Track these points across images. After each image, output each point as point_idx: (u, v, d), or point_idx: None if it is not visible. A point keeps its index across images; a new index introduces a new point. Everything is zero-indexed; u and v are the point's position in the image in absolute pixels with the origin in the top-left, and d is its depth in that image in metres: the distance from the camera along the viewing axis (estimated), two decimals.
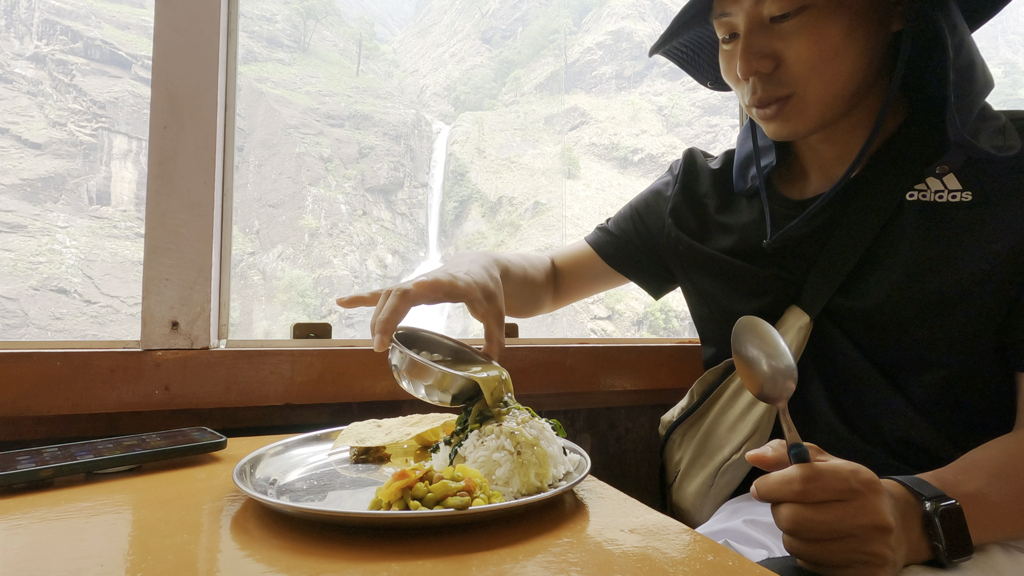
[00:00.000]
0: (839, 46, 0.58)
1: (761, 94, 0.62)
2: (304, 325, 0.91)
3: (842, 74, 0.60)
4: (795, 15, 0.59)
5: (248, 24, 53.09)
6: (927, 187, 0.60)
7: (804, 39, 0.59)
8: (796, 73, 0.60)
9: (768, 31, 0.61)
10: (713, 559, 0.39)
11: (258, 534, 0.41)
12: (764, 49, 0.61)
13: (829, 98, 0.61)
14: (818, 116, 0.62)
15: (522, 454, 0.49)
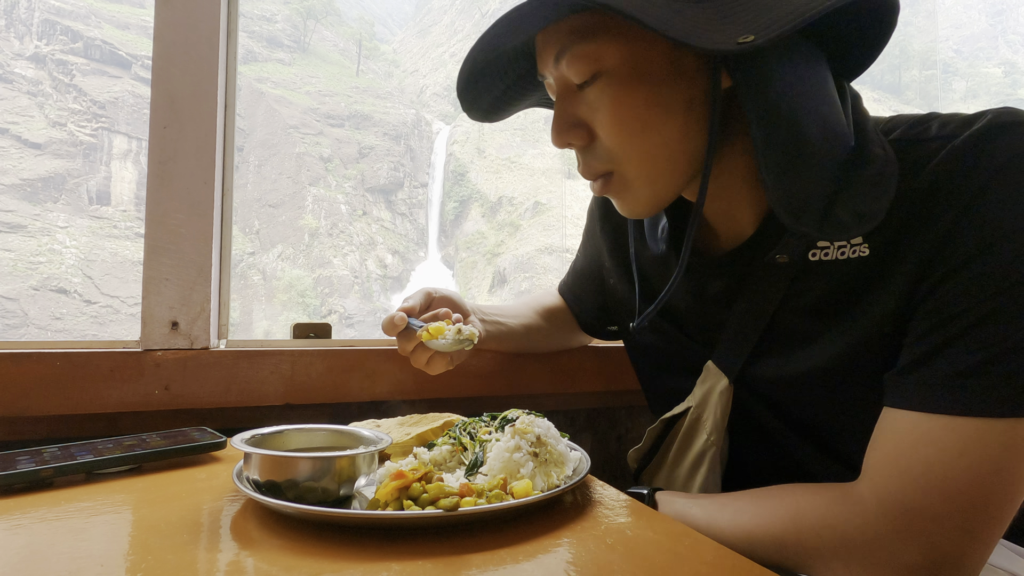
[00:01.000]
0: (644, 116, 0.51)
1: (583, 167, 0.57)
2: (304, 325, 0.91)
3: (657, 145, 0.52)
4: (593, 82, 0.52)
5: (248, 24, 53.08)
6: (830, 243, 0.53)
7: (605, 110, 0.52)
8: (608, 147, 0.54)
9: (577, 99, 0.54)
10: (713, 559, 0.39)
11: (258, 534, 0.41)
12: (574, 118, 0.55)
13: (652, 174, 0.54)
14: (650, 194, 0.55)
15: (538, 454, 0.50)
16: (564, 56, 0.52)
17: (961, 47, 69.46)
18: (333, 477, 0.47)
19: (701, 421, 0.65)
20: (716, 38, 0.44)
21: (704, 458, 0.64)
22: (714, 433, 0.63)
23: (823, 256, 0.54)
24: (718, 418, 0.62)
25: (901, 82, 62.91)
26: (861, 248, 0.51)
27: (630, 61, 0.51)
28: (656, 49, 0.51)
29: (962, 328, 0.45)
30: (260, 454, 0.46)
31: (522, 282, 36.31)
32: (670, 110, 0.51)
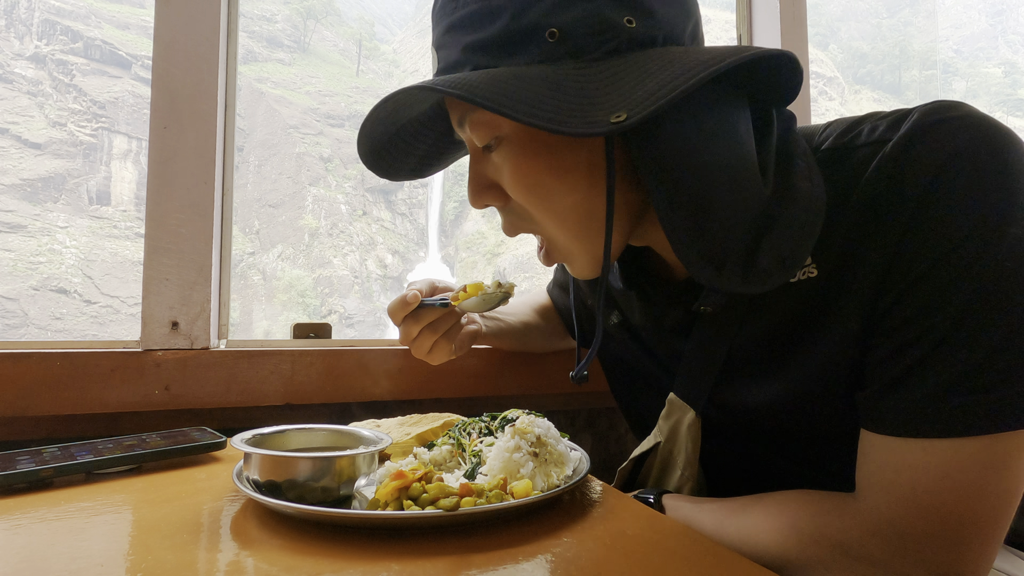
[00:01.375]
0: (546, 182, 0.49)
1: (505, 226, 0.56)
2: (304, 325, 0.91)
3: (568, 210, 0.50)
4: (496, 146, 0.51)
5: (248, 24, 53.07)
6: None
7: (508, 175, 0.50)
8: (519, 212, 0.53)
9: (487, 160, 0.53)
10: (713, 560, 0.39)
11: (258, 534, 0.41)
12: (487, 180, 0.53)
13: (574, 235, 0.51)
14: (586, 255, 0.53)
15: (538, 454, 0.50)
16: (465, 122, 0.51)
17: (961, 47, 69.44)
18: (333, 477, 0.47)
19: (673, 456, 0.63)
20: (588, 119, 0.41)
21: (682, 491, 0.63)
22: (687, 468, 0.61)
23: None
24: (690, 452, 0.61)
25: (901, 82, 62.90)
26: (810, 270, 0.49)
27: (524, 128, 0.49)
28: None
29: (926, 350, 0.43)
30: (260, 454, 0.46)
31: (522, 282, 36.11)
32: (569, 176, 0.49)
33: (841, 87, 57.65)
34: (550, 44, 0.45)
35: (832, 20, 78.03)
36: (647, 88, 0.41)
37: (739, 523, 0.53)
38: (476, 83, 0.43)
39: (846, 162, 0.48)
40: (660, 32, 0.47)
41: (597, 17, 0.45)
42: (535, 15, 0.45)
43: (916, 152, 0.44)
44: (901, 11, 73.55)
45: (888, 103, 57.48)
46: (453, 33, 0.48)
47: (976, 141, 0.43)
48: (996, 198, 0.42)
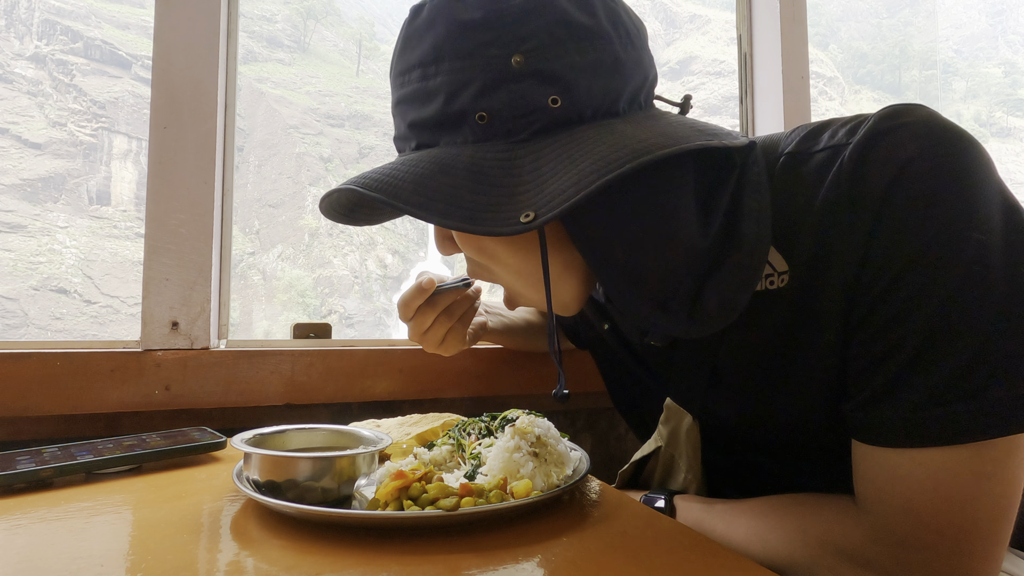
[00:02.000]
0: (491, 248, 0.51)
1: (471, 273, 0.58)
2: (304, 325, 0.91)
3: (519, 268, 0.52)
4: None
5: (248, 24, 53.07)
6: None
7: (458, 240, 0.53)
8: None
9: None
10: (714, 560, 0.39)
11: (258, 534, 0.41)
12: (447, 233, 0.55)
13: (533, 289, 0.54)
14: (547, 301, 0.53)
15: (539, 454, 0.50)
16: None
17: (961, 47, 69.43)
18: (333, 477, 0.47)
19: (675, 460, 0.64)
20: (501, 217, 0.42)
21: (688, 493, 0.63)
22: (690, 471, 0.62)
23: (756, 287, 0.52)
24: (691, 456, 0.61)
25: (901, 82, 62.89)
26: (783, 276, 0.50)
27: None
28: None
29: (905, 359, 0.43)
30: (260, 454, 0.46)
31: None
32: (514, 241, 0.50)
33: (841, 87, 57.63)
34: (480, 126, 0.47)
35: (832, 20, 78.01)
36: (562, 182, 0.42)
37: (749, 524, 0.53)
38: (400, 184, 0.46)
39: (805, 166, 0.48)
40: (588, 107, 0.47)
41: (522, 100, 0.46)
42: (465, 100, 0.47)
43: (873, 156, 0.44)
44: (901, 11, 73.52)
45: (888, 103, 57.38)
46: (401, 107, 0.51)
47: (932, 145, 0.43)
48: (955, 204, 0.42)
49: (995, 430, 0.41)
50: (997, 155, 49.24)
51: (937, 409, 0.42)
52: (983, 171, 0.43)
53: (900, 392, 0.44)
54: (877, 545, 0.46)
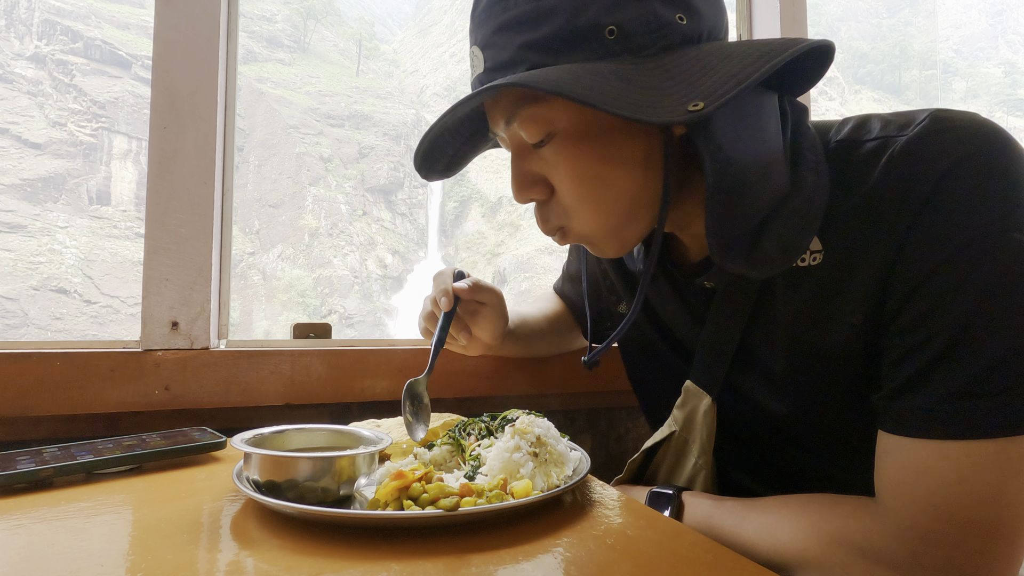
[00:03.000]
0: (600, 173, 0.51)
1: (541, 223, 0.57)
2: (304, 325, 0.91)
3: (613, 200, 0.52)
4: (548, 141, 0.52)
5: (248, 24, 53.07)
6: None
7: (562, 170, 0.52)
8: (565, 204, 0.54)
9: (533, 156, 0.54)
10: (714, 559, 0.39)
11: (258, 534, 0.41)
12: (533, 176, 0.55)
13: (606, 227, 0.54)
14: (611, 242, 0.55)
15: (538, 454, 0.50)
16: (514, 120, 0.52)
17: (961, 47, 69.41)
18: (333, 477, 0.47)
19: (688, 445, 0.64)
20: (666, 108, 0.43)
21: (696, 481, 0.63)
22: (702, 456, 0.62)
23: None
24: (704, 439, 0.62)
25: (901, 82, 62.89)
26: (816, 255, 0.51)
27: (582, 121, 0.50)
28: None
29: (937, 352, 0.44)
30: (260, 454, 0.46)
31: (522, 282, 36.28)
32: (626, 164, 0.51)
33: (841, 87, 57.63)
34: (609, 41, 0.47)
35: (832, 20, 78.00)
36: (715, 80, 0.44)
37: (759, 521, 0.53)
38: (557, 79, 0.44)
39: (855, 153, 0.50)
40: (705, 29, 0.49)
41: (652, 15, 0.47)
42: (593, 14, 0.47)
43: (925, 151, 0.46)
44: (901, 11, 73.52)
45: (888, 103, 57.46)
46: (505, 33, 0.49)
47: (983, 148, 0.45)
48: (1000, 204, 0.44)
49: (1019, 428, 0.42)
50: None
51: (965, 402, 0.43)
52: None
53: (929, 383, 0.45)
54: (896, 541, 0.46)
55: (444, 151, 0.60)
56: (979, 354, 0.43)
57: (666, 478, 0.66)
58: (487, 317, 0.74)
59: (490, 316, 0.74)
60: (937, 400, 0.44)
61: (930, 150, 0.46)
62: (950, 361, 0.44)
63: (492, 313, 0.74)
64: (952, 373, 0.44)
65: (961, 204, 0.44)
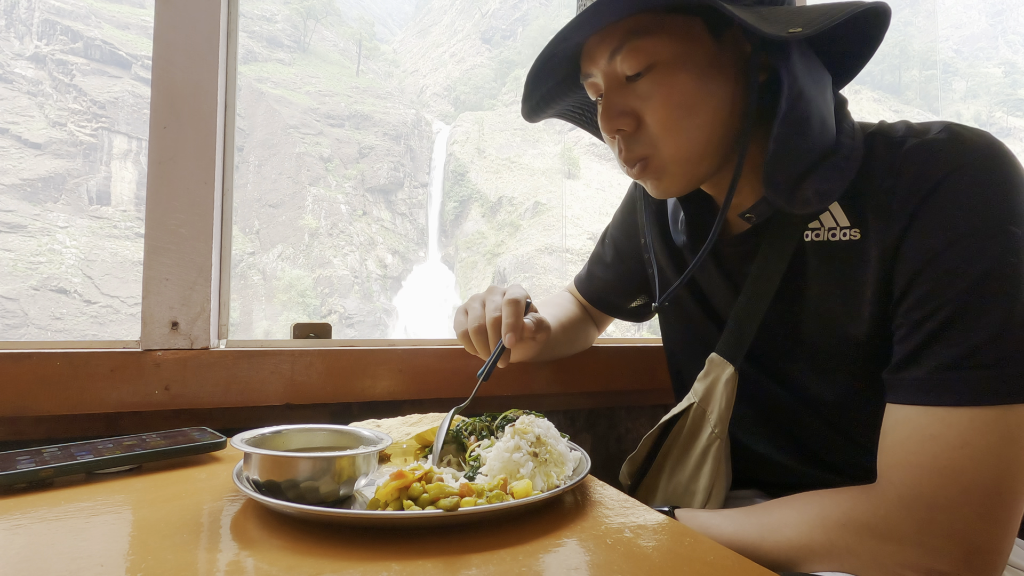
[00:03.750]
0: (692, 102, 0.58)
1: (625, 154, 0.62)
2: (304, 325, 0.91)
3: (699, 129, 0.59)
4: (646, 73, 0.58)
5: (248, 24, 53.06)
6: (821, 224, 0.59)
7: (657, 98, 0.58)
8: (653, 133, 0.60)
9: (626, 90, 0.60)
10: (714, 559, 0.39)
11: (258, 534, 0.41)
12: (624, 107, 0.60)
13: (687, 155, 0.60)
14: (683, 174, 0.61)
15: (538, 454, 0.50)
16: (621, 51, 0.58)
17: (961, 47, 69.42)
18: (333, 477, 0.47)
19: (706, 415, 0.67)
20: (771, 29, 0.51)
21: (709, 452, 0.66)
22: (719, 424, 0.65)
23: (815, 237, 0.60)
24: (723, 408, 0.65)
25: (901, 82, 62.89)
26: (852, 231, 0.57)
27: (681, 55, 0.58)
28: (701, 46, 0.58)
29: (939, 325, 0.49)
30: (260, 454, 0.46)
31: (522, 282, 36.23)
32: (712, 99, 0.58)
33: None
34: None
35: None
36: (806, 18, 0.53)
37: (760, 522, 0.55)
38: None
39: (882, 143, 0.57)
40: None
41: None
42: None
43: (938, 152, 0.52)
44: (901, 11, 73.53)
45: (888, 103, 57.45)
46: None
47: (988, 156, 0.51)
48: (998, 202, 0.50)
49: (1017, 397, 0.47)
50: None
51: (966, 372, 0.48)
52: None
53: (931, 355, 0.50)
54: (903, 511, 0.49)
55: (541, 86, 0.66)
56: (977, 328, 0.48)
57: (679, 454, 0.69)
58: (529, 349, 0.75)
59: (532, 349, 0.75)
60: (939, 369, 0.49)
61: (942, 151, 0.52)
62: (950, 334, 0.49)
63: (530, 351, 0.75)
64: (952, 345, 0.48)
65: (963, 199, 0.50)
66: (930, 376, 0.49)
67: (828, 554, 0.51)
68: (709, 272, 0.71)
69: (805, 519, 0.53)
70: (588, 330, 0.96)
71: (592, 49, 0.61)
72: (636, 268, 0.87)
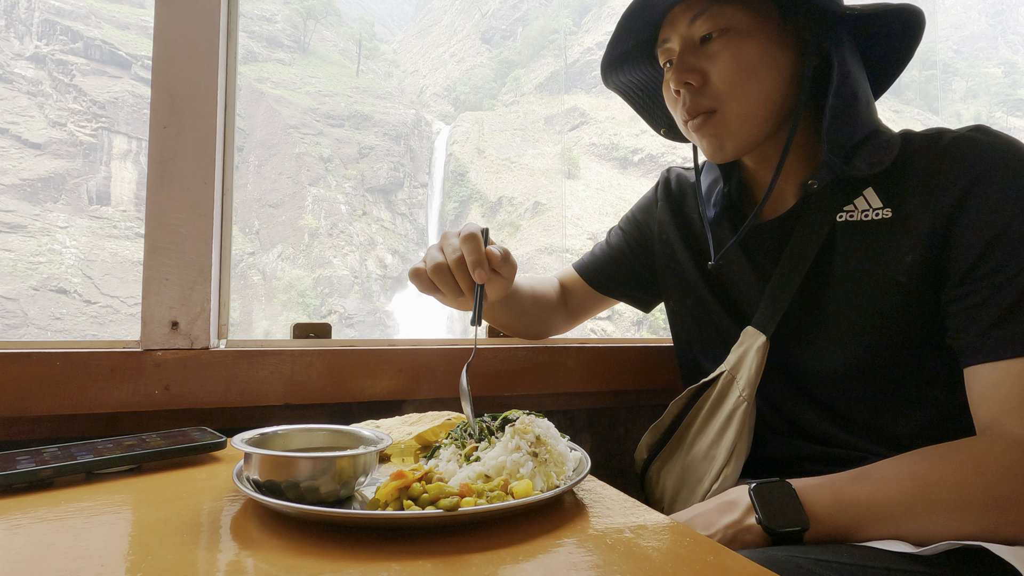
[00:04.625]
0: (756, 66, 0.66)
1: (689, 105, 0.69)
2: (304, 325, 0.91)
3: (759, 92, 0.67)
4: (718, 36, 0.67)
5: (248, 24, 53.06)
6: (855, 207, 0.67)
7: (726, 57, 0.66)
8: (719, 89, 0.67)
9: (698, 51, 0.68)
10: (713, 559, 0.39)
11: (258, 534, 0.41)
12: (694, 65, 0.68)
13: (747, 114, 0.67)
14: (742, 132, 0.68)
15: (538, 454, 0.50)
16: (703, 15, 0.67)
17: (961, 47, 69.41)
18: (333, 477, 0.47)
19: (735, 381, 0.72)
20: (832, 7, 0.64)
21: (735, 416, 0.70)
22: (747, 388, 0.70)
23: (848, 217, 0.67)
24: (752, 374, 0.70)
25: (901, 82, 62.81)
26: (884, 211, 0.65)
27: (753, 23, 0.66)
28: (770, 18, 0.67)
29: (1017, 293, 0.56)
30: (260, 454, 0.46)
31: None
32: (774, 67, 0.67)
33: None
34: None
35: None
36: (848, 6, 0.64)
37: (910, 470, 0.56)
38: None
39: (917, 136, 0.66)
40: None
41: None
42: None
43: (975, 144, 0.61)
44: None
45: (888, 103, 57.42)
46: None
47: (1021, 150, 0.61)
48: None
49: None
50: None
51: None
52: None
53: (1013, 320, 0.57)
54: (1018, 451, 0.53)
55: (626, 40, 0.73)
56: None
57: (703, 422, 0.74)
58: (495, 291, 0.70)
59: (500, 288, 0.70)
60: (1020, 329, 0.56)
61: (983, 143, 0.61)
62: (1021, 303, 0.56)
63: (501, 287, 0.71)
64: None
65: (1007, 187, 0.59)
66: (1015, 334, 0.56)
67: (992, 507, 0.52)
68: (738, 264, 0.77)
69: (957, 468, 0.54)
70: (556, 312, 0.95)
71: (676, 16, 0.69)
72: (643, 256, 0.90)
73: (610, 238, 0.96)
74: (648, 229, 0.90)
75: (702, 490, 0.71)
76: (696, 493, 0.72)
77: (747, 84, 0.66)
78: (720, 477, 0.69)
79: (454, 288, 0.67)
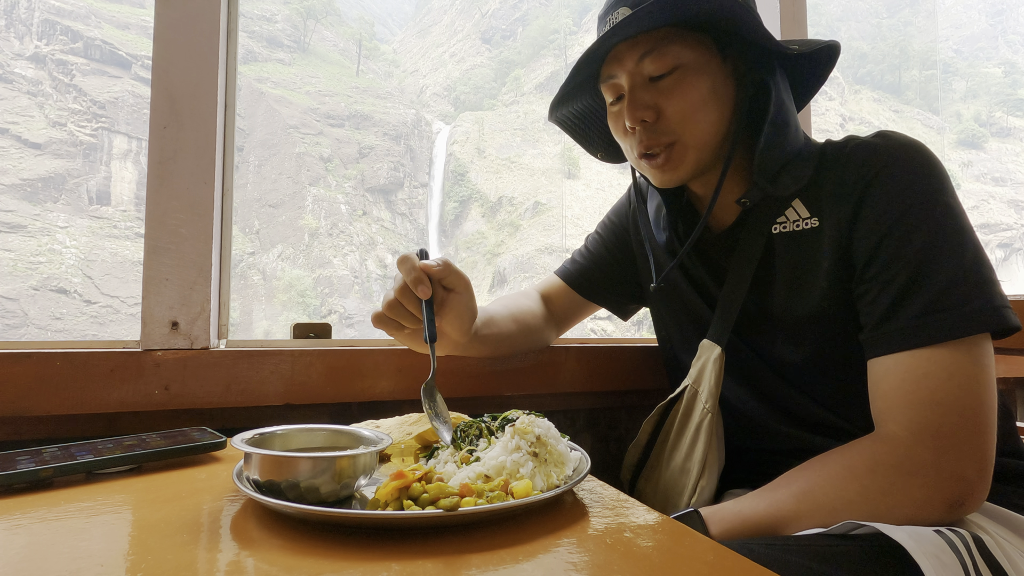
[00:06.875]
0: (706, 99, 0.70)
1: (648, 142, 0.71)
2: (304, 325, 0.91)
3: (710, 123, 0.70)
4: (669, 75, 0.70)
5: (248, 24, 53.05)
6: (787, 218, 0.71)
7: (678, 94, 0.69)
8: (674, 122, 0.70)
9: (649, 88, 0.71)
10: (713, 559, 0.39)
11: (258, 534, 0.41)
12: (647, 102, 0.70)
13: (702, 144, 0.71)
14: (695, 160, 0.71)
15: (538, 454, 0.50)
16: (651, 54, 0.69)
17: (961, 47, 69.43)
18: (333, 477, 0.47)
19: (698, 394, 0.74)
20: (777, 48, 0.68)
21: (702, 427, 0.73)
22: (710, 400, 0.72)
23: (782, 229, 0.71)
24: (712, 385, 0.72)
25: (901, 82, 62.87)
26: (811, 220, 0.69)
27: (700, 60, 0.70)
28: (714, 58, 0.70)
29: (906, 281, 0.60)
30: (260, 454, 0.46)
31: (522, 282, 36.30)
32: (720, 99, 0.70)
33: (841, 87, 57.63)
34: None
35: (832, 20, 77.98)
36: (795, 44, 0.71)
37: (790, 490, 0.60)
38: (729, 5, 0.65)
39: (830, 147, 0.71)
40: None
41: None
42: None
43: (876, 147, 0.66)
44: (901, 11, 73.48)
45: (888, 103, 57.43)
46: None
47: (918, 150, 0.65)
48: (931, 181, 0.63)
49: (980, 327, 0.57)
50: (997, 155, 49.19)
51: (936, 315, 0.58)
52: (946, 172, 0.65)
53: (904, 307, 0.60)
54: (918, 444, 0.56)
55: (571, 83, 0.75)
56: (937, 279, 0.59)
57: (676, 436, 0.77)
58: (455, 308, 0.68)
59: (458, 307, 0.68)
60: (915, 317, 0.59)
61: (878, 147, 0.66)
62: (917, 288, 0.59)
63: (460, 304, 0.69)
64: (921, 295, 0.59)
65: (902, 181, 0.63)
66: (909, 324, 0.59)
67: (864, 500, 0.56)
68: (696, 267, 0.81)
69: (833, 475, 0.58)
70: (543, 325, 0.93)
71: (621, 52, 0.71)
72: (623, 260, 0.93)
73: (588, 244, 0.97)
74: (625, 232, 0.92)
75: (683, 503, 0.74)
76: (679, 507, 0.74)
77: (699, 117, 0.69)
78: (697, 490, 0.72)
79: (411, 317, 0.66)
